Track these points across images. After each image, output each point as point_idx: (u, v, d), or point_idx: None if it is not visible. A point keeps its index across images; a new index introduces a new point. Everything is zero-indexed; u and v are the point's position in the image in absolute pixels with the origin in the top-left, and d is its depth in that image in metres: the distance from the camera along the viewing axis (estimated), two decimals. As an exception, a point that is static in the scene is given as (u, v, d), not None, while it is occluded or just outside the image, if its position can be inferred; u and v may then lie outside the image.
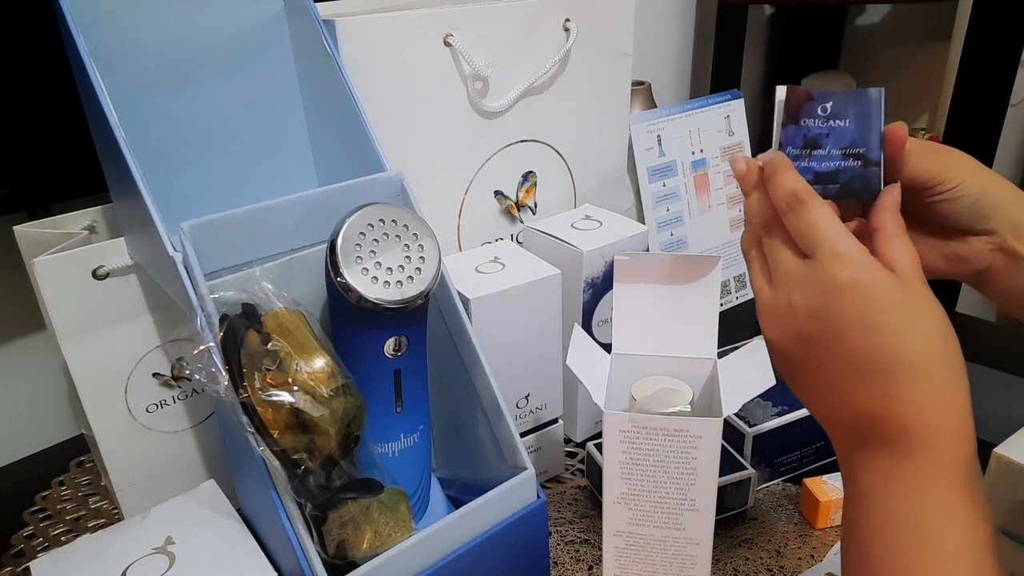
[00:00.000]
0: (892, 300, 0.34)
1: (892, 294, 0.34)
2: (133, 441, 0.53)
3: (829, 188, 0.38)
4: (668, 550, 0.45)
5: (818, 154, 0.37)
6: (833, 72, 1.26)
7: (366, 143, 0.47)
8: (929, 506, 0.32)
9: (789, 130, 0.37)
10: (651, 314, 0.49)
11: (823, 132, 0.37)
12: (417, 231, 0.41)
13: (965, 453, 0.33)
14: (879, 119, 0.37)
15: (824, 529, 0.55)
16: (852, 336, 0.34)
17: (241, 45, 0.51)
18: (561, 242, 0.61)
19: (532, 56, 0.62)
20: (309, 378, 0.38)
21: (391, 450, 0.45)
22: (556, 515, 0.58)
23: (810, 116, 0.38)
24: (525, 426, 0.59)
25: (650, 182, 0.81)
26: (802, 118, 0.38)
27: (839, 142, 0.38)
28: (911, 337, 0.33)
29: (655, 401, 0.45)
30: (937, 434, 0.32)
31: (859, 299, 0.34)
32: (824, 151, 0.37)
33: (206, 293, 0.38)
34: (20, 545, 0.57)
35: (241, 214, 0.40)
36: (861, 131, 0.37)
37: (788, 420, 0.58)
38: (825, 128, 0.37)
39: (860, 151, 0.37)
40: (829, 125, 0.38)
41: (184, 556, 0.42)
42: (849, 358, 0.34)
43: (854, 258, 0.34)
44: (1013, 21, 0.96)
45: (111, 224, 0.55)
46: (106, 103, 0.41)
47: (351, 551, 0.38)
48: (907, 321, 0.33)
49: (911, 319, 0.33)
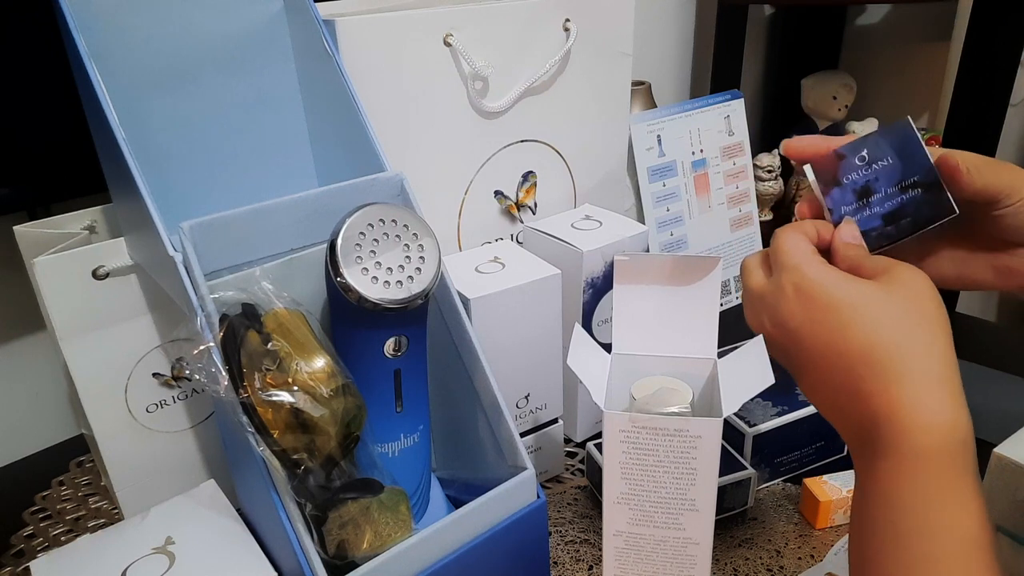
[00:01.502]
0: (839, 296, 0.35)
1: (839, 291, 0.35)
2: (133, 441, 0.53)
3: (902, 224, 0.39)
4: (668, 550, 0.45)
5: (876, 199, 0.38)
6: (833, 72, 1.26)
7: (366, 143, 0.47)
8: (910, 499, 0.32)
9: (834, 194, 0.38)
10: (651, 314, 0.49)
11: (871, 178, 0.38)
12: (417, 231, 0.41)
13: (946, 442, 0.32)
14: (918, 143, 0.38)
15: (824, 529, 0.55)
16: (808, 338, 0.36)
17: (241, 45, 0.51)
18: (561, 242, 0.61)
19: (532, 56, 0.62)
20: (309, 378, 0.38)
21: (391, 450, 0.45)
22: (556, 515, 0.58)
23: (850, 171, 0.38)
24: (525, 426, 0.59)
25: (650, 182, 0.81)
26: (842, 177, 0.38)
27: (890, 180, 0.38)
28: (871, 328, 0.34)
29: (655, 401, 0.45)
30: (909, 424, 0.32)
31: (803, 300, 0.35)
32: (880, 194, 0.38)
33: (206, 293, 0.38)
34: (20, 545, 0.57)
35: (241, 214, 0.40)
36: (906, 162, 0.38)
37: (788, 420, 0.58)
38: (871, 173, 0.38)
39: (915, 179, 0.38)
40: (873, 169, 0.38)
41: (184, 556, 0.42)
42: (812, 358, 0.36)
43: (796, 263, 0.36)
44: (1013, 21, 0.96)
45: (111, 224, 0.55)
46: (106, 103, 0.41)
47: (351, 551, 0.38)
48: (864, 313, 0.34)
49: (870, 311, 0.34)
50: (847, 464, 0.60)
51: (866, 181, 0.38)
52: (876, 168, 0.38)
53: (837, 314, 0.34)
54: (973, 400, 0.33)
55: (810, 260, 0.36)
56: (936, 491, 0.31)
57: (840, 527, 0.55)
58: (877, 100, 1.35)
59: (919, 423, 0.32)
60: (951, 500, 0.31)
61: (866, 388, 0.34)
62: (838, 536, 0.54)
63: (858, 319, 0.34)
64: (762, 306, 0.39)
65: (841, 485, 0.56)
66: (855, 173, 0.38)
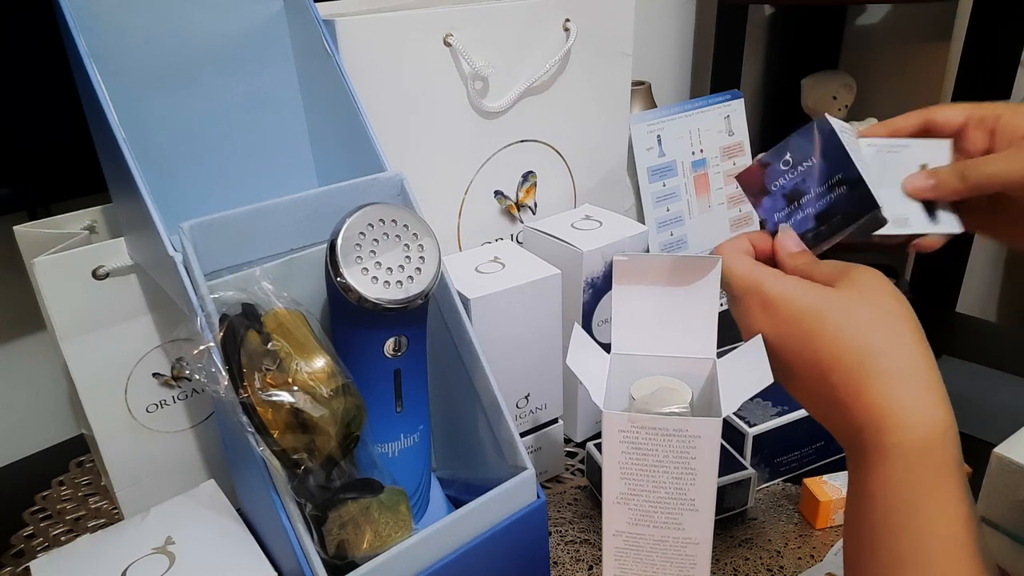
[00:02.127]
0: (801, 307, 0.35)
1: (801, 301, 0.35)
2: (133, 441, 0.53)
3: (834, 222, 0.39)
4: (668, 550, 0.45)
5: (806, 200, 0.38)
6: (833, 72, 1.26)
7: (366, 143, 0.47)
8: (893, 498, 0.32)
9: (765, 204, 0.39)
10: (651, 315, 0.49)
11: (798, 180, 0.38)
12: (417, 231, 0.41)
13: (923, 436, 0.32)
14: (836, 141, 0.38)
15: (824, 529, 0.55)
16: (783, 351, 0.36)
17: (241, 45, 0.51)
18: (561, 242, 0.61)
19: (532, 56, 0.62)
20: (309, 378, 0.38)
21: (391, 450, 0.45)
22: (556, 515, 0.58)
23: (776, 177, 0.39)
24: (525, 426, 0.59)
25: (650, 182, 0.81)
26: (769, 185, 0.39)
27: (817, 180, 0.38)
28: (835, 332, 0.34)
29: (654, 401, 0.45)
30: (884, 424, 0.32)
31: (770, 317, 0.36)
32: (810, 195, 0.38)
33: (206, 293, 0.38)
34: (20, 545, 0.57)
35: (241, 214, 0.40)
36: (828, 160, 0.38)
37: (788, 420, 0.58)
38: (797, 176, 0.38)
39: (839, 177, 0.38)
40: (799, 171, 0.38)
41: (184, 556, 0.42)
42: (793, 372, 0.36)
43: (754, 283, 0.37)
44: (1013, 21, 0.96)
45: (111, 224, 0.55)
46: (106, 103, 0.41)
47: (351, 551, 0.38)
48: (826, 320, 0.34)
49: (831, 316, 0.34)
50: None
51: (794, 184, 0.38)
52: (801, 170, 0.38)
53: (801, 325, 0.35)
54: (973, 400, 0.33)
55: (765, 275, 0.37)
56: (918, 488, 0.31)
57: (840, 527, 0.55)
58: (877, 100, 1.35)
59: (894, 422, 0.32)
60: (932, 498, 0.31)
61: (840, 395, 0.34)
62: (838, 536, 0.54)
63: (823, 327, 0.34)
64: (743, 329, 0.40)
65: (841, 485, 0.56)
66: (782, 178, 0.39)
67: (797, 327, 0.35)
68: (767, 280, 0.37)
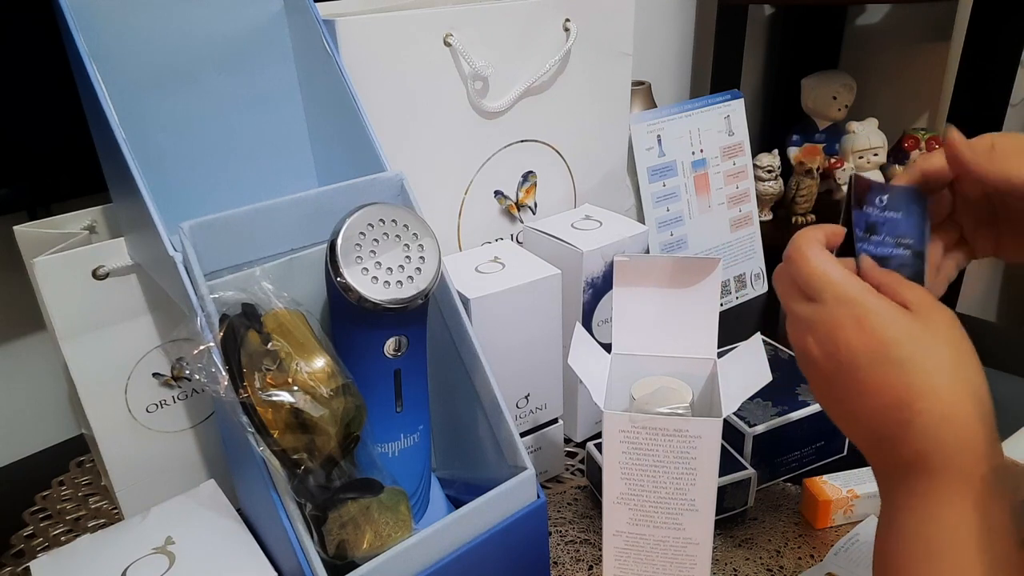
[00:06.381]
0: (899, 331, 0.35)
1: (898, 325, 0.35)
2: (133, 441, 0.53)
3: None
4: (668, 550, 0.45)
5: (875, 239, 0.41)
6: (833, 72, 1.25)
7: (366, 143, 0.47)
8: (943, 525, 0.32)
9: (856, 214, 0.41)
10: (651, 315, 0.49)
11: (880, 220, 0.41)
12: (417, 231, 0.41)
13: (982, 470, 0.33)
14: (922, 213, 0.41)
15: (824, 529, 0.55)
16: (864, 369, 0.35)
17: (241, 45, 0.51)
18: (561, 242, 0.61)
19: (532, 56, 0.62)
20: (309, 378, 0.38)
21: (391, 450, 0.45)
22: (556, 515, 0.58)
23: (871, 204, 0.41)
24: (525, 426, 0.59)
25: (650, 182, 0.81)
26: (865, 205, 0.41)
27: (893, 231, 0.41)
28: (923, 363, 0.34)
29: (655, 401, 0.45)
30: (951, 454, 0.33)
31: (865, 334, 0.35)
32: (880, 237, 0.41)
33: (206, 293, 0.38)
34: (20, 545, 0.57)
35: (241, 214, 0.40)
36: (910, 224, 0.41)
37: (788, 420, 0.58)
38: (882, 217, 0.41)
39: (909, 242, 0.41)
40: (885, 215, 0.41)
41: (184, 556, 0.42)
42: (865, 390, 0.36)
43: (855, 296, 0.36)
44: (1013, 21, 0.96)
45: (111, 224, 0.55)
46: (106, 103, 0.41)
47: (351, 551, 0.38)
48: (916, 349, 0.35)
49: (920, 347, 0.35)
50: (847, 464, 0.60)
51: (876, 221, 0.41)
52: (887, 215, 0.41)
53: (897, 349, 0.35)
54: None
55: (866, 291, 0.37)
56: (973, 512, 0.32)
57: (840, 527, 0.55)
58: (877, 100, 1.35)
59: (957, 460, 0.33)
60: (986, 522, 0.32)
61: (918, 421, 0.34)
62: (838, 536, 0.54)
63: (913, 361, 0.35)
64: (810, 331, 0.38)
65: (841, 485, 0.56)
66: (873, 209, 0.41)
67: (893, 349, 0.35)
68: (868, 297, 0.36)
